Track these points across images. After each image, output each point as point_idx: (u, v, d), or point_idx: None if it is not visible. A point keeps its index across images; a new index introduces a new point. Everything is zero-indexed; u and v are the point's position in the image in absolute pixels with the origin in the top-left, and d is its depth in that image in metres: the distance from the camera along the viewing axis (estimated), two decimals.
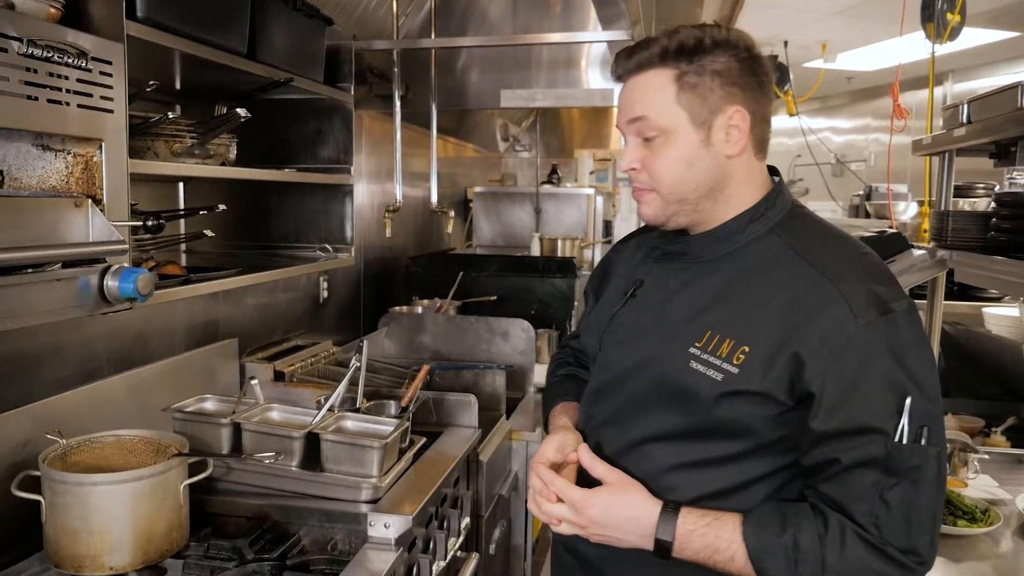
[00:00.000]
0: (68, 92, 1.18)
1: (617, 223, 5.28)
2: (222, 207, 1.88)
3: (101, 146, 1.27)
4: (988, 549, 1.75)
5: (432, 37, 2.83)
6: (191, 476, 1.52)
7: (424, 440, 1.96)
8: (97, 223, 1.25)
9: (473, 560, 1.97)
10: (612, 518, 1.13)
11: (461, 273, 3.35)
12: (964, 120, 2.14)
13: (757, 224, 1.18)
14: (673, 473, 1.16)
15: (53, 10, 1.20)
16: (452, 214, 3.32)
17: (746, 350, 1.09)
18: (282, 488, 1.70)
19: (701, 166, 1.15)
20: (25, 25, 1.10)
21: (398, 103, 2.81)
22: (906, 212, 4.43)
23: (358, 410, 1.95)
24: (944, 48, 2.99)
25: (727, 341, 1.11)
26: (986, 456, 2.21)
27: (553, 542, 1.40)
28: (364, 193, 3.10)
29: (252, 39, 1.80)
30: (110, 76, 1.26)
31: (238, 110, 1.70)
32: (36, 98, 1.12)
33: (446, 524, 1.86)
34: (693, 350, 1.13)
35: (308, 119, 2.32)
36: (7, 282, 1.11)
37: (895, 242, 2.50)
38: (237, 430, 1.74)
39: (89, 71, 1.21)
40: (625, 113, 1.19)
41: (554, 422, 1.37)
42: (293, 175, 2.12)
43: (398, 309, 3.18)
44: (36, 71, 1.12)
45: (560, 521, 1.17)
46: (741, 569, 1.08)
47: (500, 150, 5.20)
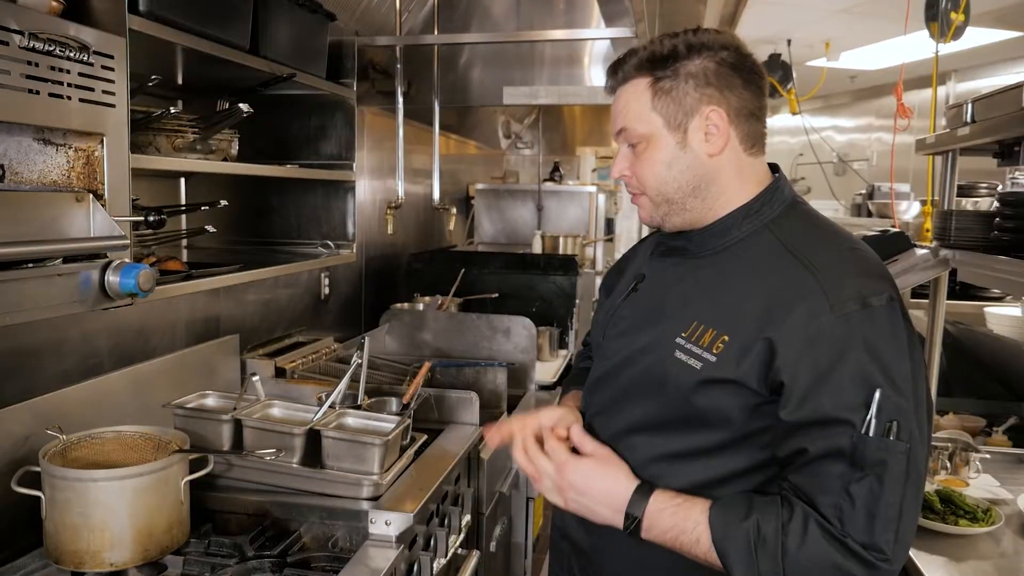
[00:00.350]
0: (69, 86, 1.17)
1: (619, 220, 5.28)
2: (224, 203, 1.88)
3: (102, 141, 1.27)
4: (989, 548, 1.75)
5: (435, 33, 2.83)
6: (192, 472, 1.51)
7: (425, 437, 1.96)
8: (98, 218, 1.25)
9: (474, 558, 1.97)
10: (589, 487, 1.19)
11: (463, 270, 3.35)
12: (968, 119, 2.13)
13: (752, 220, 1.20)
14: (656, 464, 1.20)
15: (55, 3, 1.19)
16: (454, 211, 3.32)
17: (725, 339, 1.12)
18: (283, 485, 1.70)
19: (680, 167, 1.19)
20: (27, 18, 1.09)
21: (400, 99, 2.80)
22: (908, 211, 4.43)
23: (359, 407, 1.95)
24: (948, 47, 2.98)
25: (710, 331, 1.14)
26: (987, 455, 2.21)
27: (552, 529, 1.44)
28: (366, 189, 3.10)
29: (255, 34, 1.79)
30: (112, 70, 1.25)
31: (240, 105, 1.69)
32: (37, 92, 1.12)
33: (447, 521, 1.86)
34: (679, 340, 1.17)
35: (310, 115, 2.31)
36: (8, 277, 1.10)
37: (898, 241, 2.49)
38: (238, 427, 1.74)
39: (91, 65, 1.21)
40: (613, 126, 1.26)
41: (563, 403, 1.46)
42: (295, 171, 2.12)
43: (399, 306, 3.18)
44: (37, 65, 1.11)
45: (541, 477, 1.24)
46: (706, 553, 1.10)
47: (502, 147, 5.20)
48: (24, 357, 1.59)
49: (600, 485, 1.18)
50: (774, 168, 1.27)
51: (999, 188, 3.09)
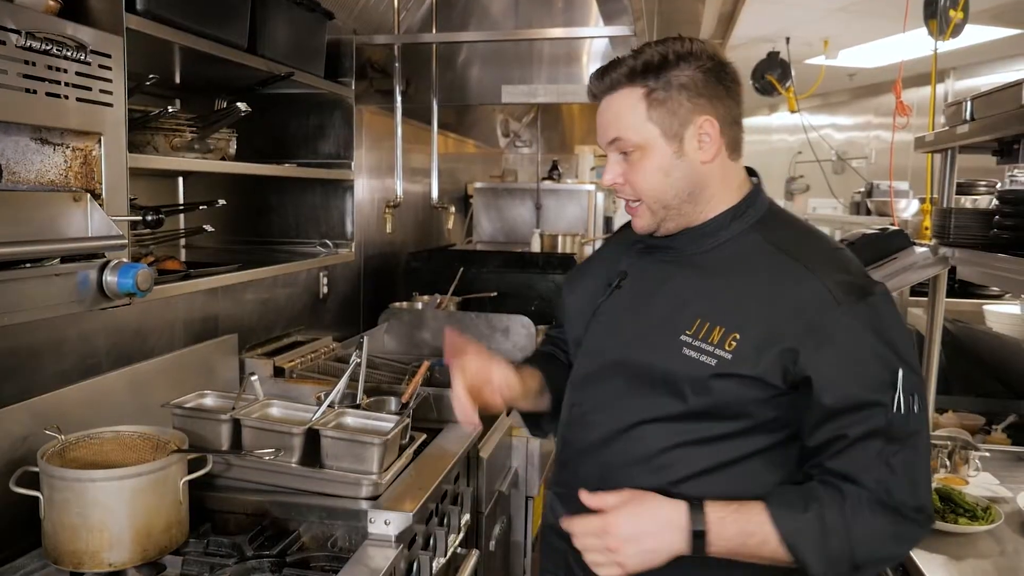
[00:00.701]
0: (67, 85, 1.17)
1: (618, 219, 5.27)
2: (222, 202, 1.88)
3: (100, 140, 1.26)
4: (989, 547, 1.75)
5: (433, 32, 2.82)
6: (190, 472, 1.51)
7: (424, 436, 1.96)
8: (96, 218, 1.24)
9: (473, 557, 1.96)
10: (642, 529, 1.15)
11: (461, 269, 3.34)
12: (967, 117, 2.14)
13: (739, 221, 1.26)
14: (668, 453, 1.22)
15: (52, 2, 1.19)
16: (453, 210, 3.31)
17: (737, 337, 1.17)
18: (282, 485, 1.70)
19: (677, 175, 1.23)
20: (24, 17, 1.09)
21: (399, 98, 2.80)
22: (907, 209, 4.42)
23: (358, 406, 1.95)
24: (946, 45, 2.98)
25: (717, 328, 1.19)
26: (987, 454, 2.20)
27: (544, 530, 1.42)
28: (364, 188, 3.09)
29: (252, 33, 1.79)
30: (109, 69, 1.25)
31: (238, 104, 1.69)
32: (35, 91, 1.11)
33: (446, 521, 1.86)
34: (684, 338, 1.21)
35: (308, 114, 2.31)
36: (5, 277, 1.10)
37: (897, 239, 2.49)
38: (237, 426, 1.73)
39: (88, 64, 1.21)
40: (603, 134, 1.27)
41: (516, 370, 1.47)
42: (293, 170, 2.12)
43: (398, 305, 3.17)
44: (35, 64, 1.11)
45: (591, 554, 1.17)
46: (774, 551, 1.13)
47: (501, 146, 5.19)
48: (22, 357, 1.58)
49: (651, 521, 1.15)
50: (751, 171, 1.33)
51: (998, 186, 3.09)
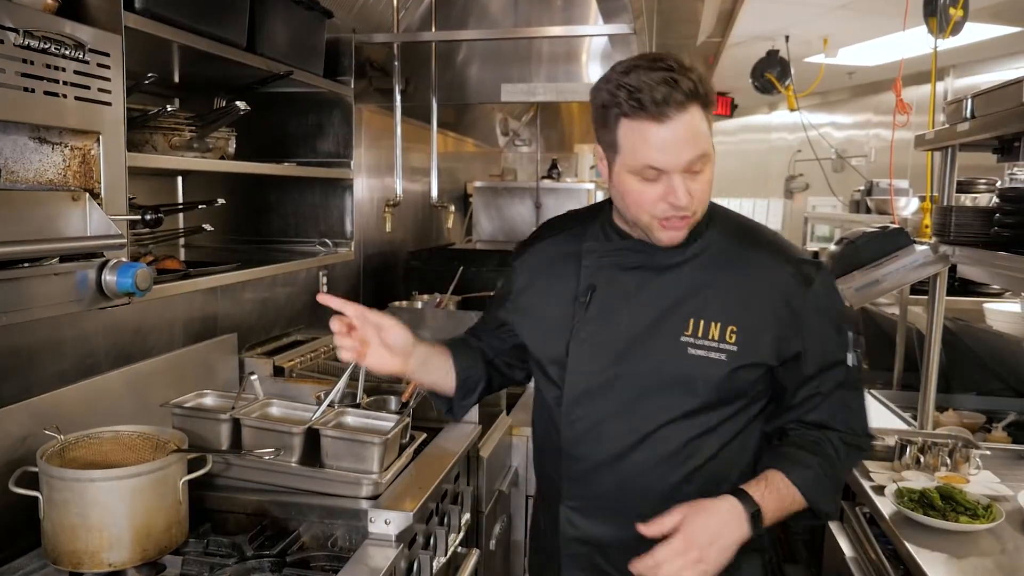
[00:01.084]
0: (65, 84, 1.17)
1: None
2: (221, 201, 1.87)
3: (99, 139, 1.26)
4: (990, 545, 1.75)
5: (432, 30, 2.82)
6: (190, 472, 1.51)
7: (424, 436, 1.96)
8: (95, 217, 1.24)
9: (473, 556, 1.96)
10: (715, 529, 1.23)
11: (461, 268, 3.34)
12: (968, 115, 2.14)
13: (702, 222, 1.33)
14: (689, 444, 1.34)
15: (50, 1, 1.19)
16: (452, 209, 3.31)
17: (735, 329, 1.30)
18: (282, 484, 1.69)
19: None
20: (22, 16, 1.09)
21: (398, 97, 2.79)
22: (907, 207, 4.42)
23: (358, 406, 1.95)
24: (946, 43, 2.98)
25: (713, 324, 1.30)
26: (987, 452, 2.21)
27: (562, 543, 1.44)
28: (364, 187, 3.09)
29: (251, 31, 1.78)
30: (108, 68, 1.25)
31: (237, 103, 1.69)
32: (33, 90, 1.11)
33: (447, 520, 1.85)
34: (685, 339, 1.31)
35: (308, 113, 2.31)
36: (4, 276, 1.10)
37: (897, 237, 2.49)
38: (236, 426, 1.73)
39: (87, 63, 1.20)
40: (686, 151, 1.20)
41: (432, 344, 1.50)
42: (292, 169, 2.11)
43: (398, 304, 3.17)
44: (33, 63, 1.11)
45: (679, 572, 1.19)
46: (800, 506, 1.32)
47: (500, 145, 5.18)
48: (21, 357, 1.58)
49: (718, 521, 1.24)
50: None
51: (998, 184, 3.09)
